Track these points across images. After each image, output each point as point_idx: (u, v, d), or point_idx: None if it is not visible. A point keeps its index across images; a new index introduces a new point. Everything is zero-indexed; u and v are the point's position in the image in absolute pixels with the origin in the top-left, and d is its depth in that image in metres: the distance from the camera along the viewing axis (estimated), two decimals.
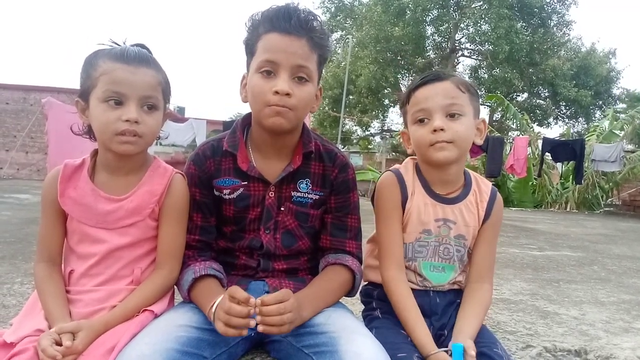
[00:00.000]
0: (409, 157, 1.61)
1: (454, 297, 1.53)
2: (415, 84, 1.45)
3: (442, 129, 1.38)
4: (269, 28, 1.35)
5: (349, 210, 1.54)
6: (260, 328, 1.16)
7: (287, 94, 1.33)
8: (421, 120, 1.43)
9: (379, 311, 1.51)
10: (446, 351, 1.28)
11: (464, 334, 1.32)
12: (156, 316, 1.31)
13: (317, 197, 1.51)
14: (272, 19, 1.34)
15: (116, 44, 1.37)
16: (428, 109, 1.40)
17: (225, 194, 1.47)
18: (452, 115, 1.40)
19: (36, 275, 1.36)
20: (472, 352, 1.24)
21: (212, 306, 1.23)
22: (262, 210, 1.48)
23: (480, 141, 1.49)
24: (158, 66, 1.38)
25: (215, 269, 1.40)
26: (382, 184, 1.54)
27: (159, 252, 1.40)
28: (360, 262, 1.56)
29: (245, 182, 1.47)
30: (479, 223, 1.52)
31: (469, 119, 1.43)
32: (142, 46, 1.41)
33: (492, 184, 1.60)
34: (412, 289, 1.49)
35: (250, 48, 1.40)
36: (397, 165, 1.59)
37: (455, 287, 1.54)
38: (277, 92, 1.32)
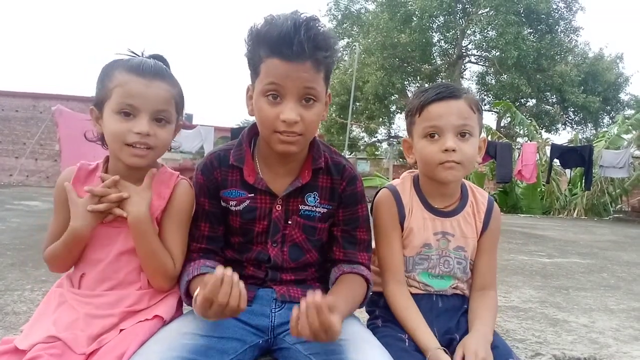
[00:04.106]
0: (406, 172, 1.63)
1: (460, 302, 1.54)
2: (430, 98, 1.43)
3: (453, 150, 1.39)
4: (269, 53, 1.27)
5: (358, 224, 1.51)
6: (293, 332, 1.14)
7: (295, 122, 1.29)
8: (431, 136, 1.43)
9: (381, 320, 1.52)
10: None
11: (477, 339, 1.33)
12: (165, 322, 1.32)
13: (325, 210, 1.48)
14: (273, 45, 1.26)
15: (134, 54, 1.39)
16: (441, 127, 1.41)
17: (231, 206, 1.46)
18: (462, 135, 1.42)
19: (46, 252, 1.39)
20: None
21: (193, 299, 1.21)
22: (269, 223, 1.46)
23: (479, 159, 1.51)
24: (173, 80, 1.39)
25: (208, 266, 1.38)
26: (379, 202, 1.56)
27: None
28: (370, 272, 1.54)
29: (252, 195, 1.45)
30: (477, 234, 1.55)
31: (476, 140, 1.46)
32: (160, 57, 1.42)
33: (500, 190, 1.62)
34: (415, 293, 1.51)
35: (254, 67, 1.35)
36: (394, 181, 1.61)
37: (458, 292, 1.55)
38: (284, 121, 1.29)
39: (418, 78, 24.78)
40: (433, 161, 1.44)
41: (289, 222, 1.47)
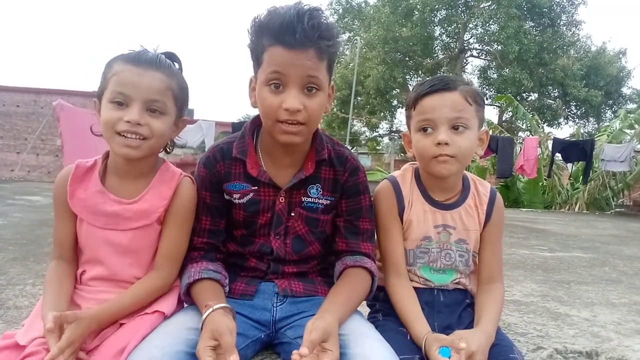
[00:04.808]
0: (407, 164, 1.62)
1: (461, 296, 1.53)
2: (423, 91, 1.41)
3: (446, 143, 1.38)
4: (272, 41, 1.28)
5: (361, 214, 1.51)
6: None
7: (298, 110, 1.29)
8: (425, 129, 1.42)
9: (381, 314, 1.52)
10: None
11: (480, 339, 1.31)
12: (166, 317, 1.32)
13: (327, 202, 1.49)
14: (276, 34, 1.26)
15: (145, 50, 1.37)
16: (434, 119, 1.39)
17: (235, 199, 1.46)
18: (456, 128, 1.39)
19: (47, 272, 1.37)
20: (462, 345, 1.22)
21: (203, 320, 1.21)
22: (272, 216, 1.46)
23: (481, 152, 1.49)
24: (172, 72, 1.36)
25: (211, 270, 1.38)
26: (378, 193, 1.55)
27: (158, 254, 1.39)
28: (375, 263, 1.54)
29: (256, 187, 1.45)
30: (480, 226, 1.53)
31: (473, 132, 1.43)
32: (171, 54, 1.41)
33: (501, 185, 1.61)
34: (416, 288, 1.50)
35: (256, 57, 1.35)
36: (395, 173, 1.60)
37: (460, 286, 1.54)
38: (287, 109, 1.29)
39: (420, 72, 24.70)
40: (427, 155, 1.42)
41: (292, 214, 1.47)
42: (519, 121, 16.81)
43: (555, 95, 24.74)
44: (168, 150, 1.50)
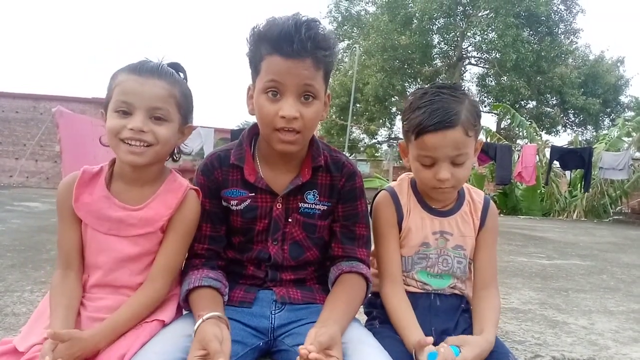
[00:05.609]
0: (404, 174, 1.64)
1: (457, 301, 1.54)
2: (427, 128, 1.38)
3: (447, 179, 1.41)
4: (271, 51, 1.30)
5: (357, 219, 1.52)
6: None
7: (294, 118, 1.31)
8: (425, 162, 1.43)
9: (378, 321, 1.53)
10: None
11: (484, 340, 1.34)
12: (165, 325, 1.32)
13: (324, 207, 1.50)
14: (274, 43, 1.28)
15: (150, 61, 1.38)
16: (435, 157, 1.41)
17: (232, 205, 1.47)
18: (457, 162, 1.41)
19: (51, 282, 1.37)
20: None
21: (194, 331, 1.21)
22: (269, 222, 1.47)
23: (474, 158, 1.51)
24: (174, 79, 1.37)
25: (212, 278, 1.39)
26: (377, 204, 1.57)
27: (155, 265, 1.38)
28: (369, 268, 1.55)
29: (253, 194, 1.46)
30: (475, 232, 1.56)
31: (471, 160, 1.45)
32: (175, 64, 1.43)
33: (500, 192, 1.63)
34: (413, 292, 1.51)
35: (254, 66, 1.37)
36: (392, 183, 1.63)
37: (457, 292, 1.55)
38: (283, 117, 1.31)
39: (418, 80, 24.80)
40: (427, 185, 1.47)
41: (289, 220, 1.48)
42: (517, 129, 16.85)
43: (554, 103, 24.87)
44: (175, 157, 1.51)
